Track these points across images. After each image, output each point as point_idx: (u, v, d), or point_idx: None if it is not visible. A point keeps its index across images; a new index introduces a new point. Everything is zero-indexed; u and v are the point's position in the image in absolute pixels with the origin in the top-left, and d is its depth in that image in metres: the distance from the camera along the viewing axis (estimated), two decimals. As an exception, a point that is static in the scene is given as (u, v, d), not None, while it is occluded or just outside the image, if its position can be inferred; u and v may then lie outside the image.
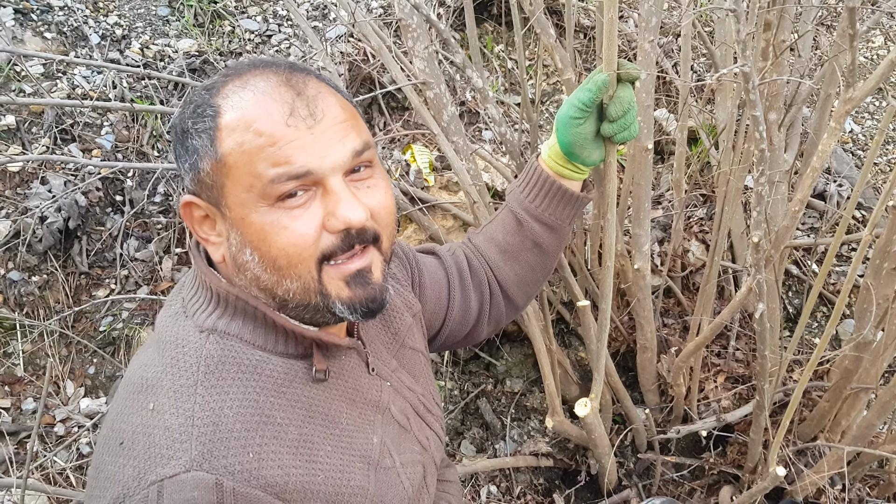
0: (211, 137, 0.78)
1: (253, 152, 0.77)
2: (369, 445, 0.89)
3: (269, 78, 0.80)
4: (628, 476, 2.01)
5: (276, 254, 0.78)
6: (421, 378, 1.08)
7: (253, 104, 0.78)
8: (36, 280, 2.08)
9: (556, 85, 2.76)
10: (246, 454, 0.75)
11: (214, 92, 0.80)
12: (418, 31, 1.41)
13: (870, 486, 1.82)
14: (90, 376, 2.10)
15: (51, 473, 1.91)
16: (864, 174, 1.22)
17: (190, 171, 0.81)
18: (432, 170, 2.28)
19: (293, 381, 0.84)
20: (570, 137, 1.06)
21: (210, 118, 0.79)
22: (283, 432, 0.80)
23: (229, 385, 0.79)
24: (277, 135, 0.77)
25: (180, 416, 0.76)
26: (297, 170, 0.77)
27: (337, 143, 0.79)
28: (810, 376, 1.30)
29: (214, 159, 0.78)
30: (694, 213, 2.31)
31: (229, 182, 0.78)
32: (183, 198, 0.83)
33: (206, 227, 0.84)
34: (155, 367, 0.81)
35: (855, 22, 1.07)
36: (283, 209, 0.78)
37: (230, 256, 0.82)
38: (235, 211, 0.79)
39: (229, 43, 2.58)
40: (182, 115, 0.82)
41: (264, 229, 0.78)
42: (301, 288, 0.81)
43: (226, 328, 0.82)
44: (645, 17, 1.39)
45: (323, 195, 0.79)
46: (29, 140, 2.20)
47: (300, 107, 0.79)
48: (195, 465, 0.73)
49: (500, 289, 1.23)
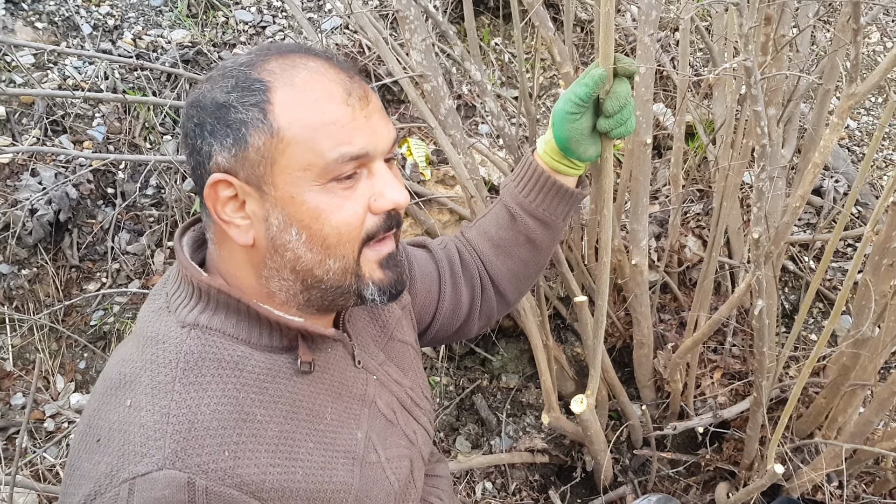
0: (263, 111, 0.76)
1: (315, 128, 0.76)
2: (353, 441, 0.88)
3: (316, 59, 0.81)
4: (624, 472, 2.00)
5: (329, 232, 0.79)
6: (409, 371, 1.07)
7: (309, 81, 0.78)
8: (26, 273, 2.06)
9: (554, 79, 2.74)
10: (221, 452, 0.74)
11: (256, 69, 0.79)
12: (415, 23, 1.39)
13: (866, 483, 1.82)
14: (81, 371, 2.08)
15: (40, 470, 1.89)
16: (864, 170, 1.21)
17: (232, 147, 0.78)
18: (429, 163, 2.26)
19: (276, 376, 0.83)
20: (566, 133, 1.05)
21: (260, 91, 0.77)
22: (263, 430, 0.78)
23: (208, 382, 0.78)
24: (338, 114, 0.77)
25: (156, 413, 0.75)
26: (358, 151, 0.78)
27: (383, 129, 0.82)
28: (809, 372, 1.29)
29: (269, 133, 0.76)
30: (691, 208, 2.30)
31: (283, 159, 0.77)
32: (213, 176, 0.79)
33: (230, 209, 0.81)
34: (134, 362, 0.80)
35: (859, 16, 1.06)
36: (336, 189, 0.79)
37: (266, 237, 0.80)
38: (284, 189, 0.78)
39: (223, 34, 2.55)
40: (213, 89, 0.79)
41: (319, 207, 0.78)
42: (342, 268, 0.82)
43: (208, 322, 0.81)
44: (645, 11, 1.38)
45: (368, 177, 0.81)
46: (19, 131, 2.17)
47: (355, 89, 0.80)
48: (168, 464, 0.71)
49: (492, 283, 1.22)
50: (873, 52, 3.12)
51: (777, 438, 1.35)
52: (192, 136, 0.81)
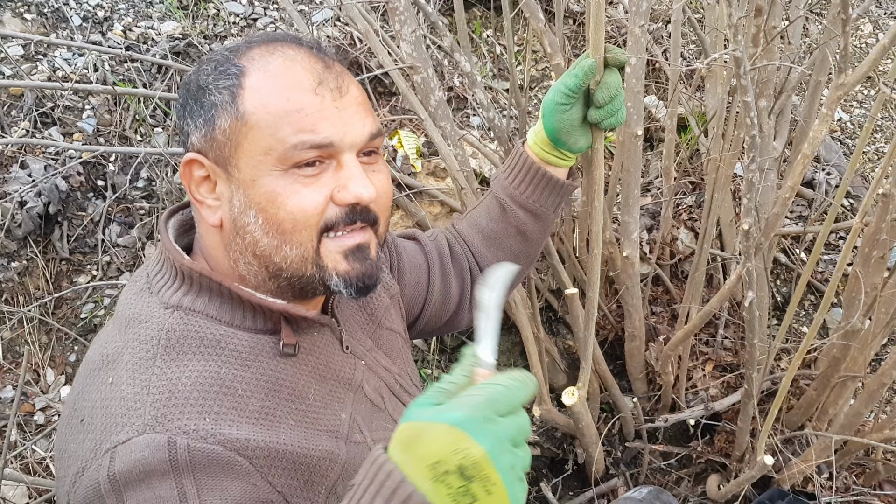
0: (233, 94, 0.79)
1: (278, 115, 0.77)
2: (337, 421, 0.88)
3: (299, 49, 0.82)
4: (616, 465, 2.01)
5: (283, 217, 0.79)
6: (398, 359, 1.07)
7: (282, 69, 0.79)
8: (15, 266, 2.05)
9: (545, 70, 2.74)
10: (202, 418, 0.74)
11: (239, 53, 0.81)
12: (406, 15, 1.38)
13: (857, 475, 1.83)
14: (71, 364, 2.07)
15: (30, 463, 1.88)
16: (854, 162, 1.21)
17: (203, 128, 0.81)
18: (419, 156, 2.25)
19: (259, 355, 0.82)
20: (556, 124, 1.05)
21: (234, 76, 0.79)
22: (244, 403, 0.78)
23: (189, 358, 0.78)
24: (305, 101, 0.78)
25: (136, 385, 0.75)
26: (321, 140, 0.78)
27: (358, 122, 0.81)
28: (798, 364, 1.29)
29: (235, 117, 0.78)
30: (683, 200, 2.30)
31: (246, 142, 0.78)
32: (186, 156, 0.82)
33: (204, 189, 0.83)
34: (116, 343, 0.80)
35: (847, 6, 1.05)
36: (297, 176, 0.79)
37: (230, 219, 0.82)
38: (246, 172, 0.79)
39: (214, 26, 2.53)
40: (198, 72, 0.82)
41: (276, 191, 0.78)
42: (299, 256, 0.81)
43: (191, 305, 0.82)
44: (636, 2, 1.37)
45: (336, 169, 0.81)
46: (8, 123, 2.15)
47: (328, 78, 0.80)
48: (147, 429, 0.72)
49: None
50: (865, 43, 3.13)
51: (767, 430, 1.35)
52: (179, 117, 0.84)
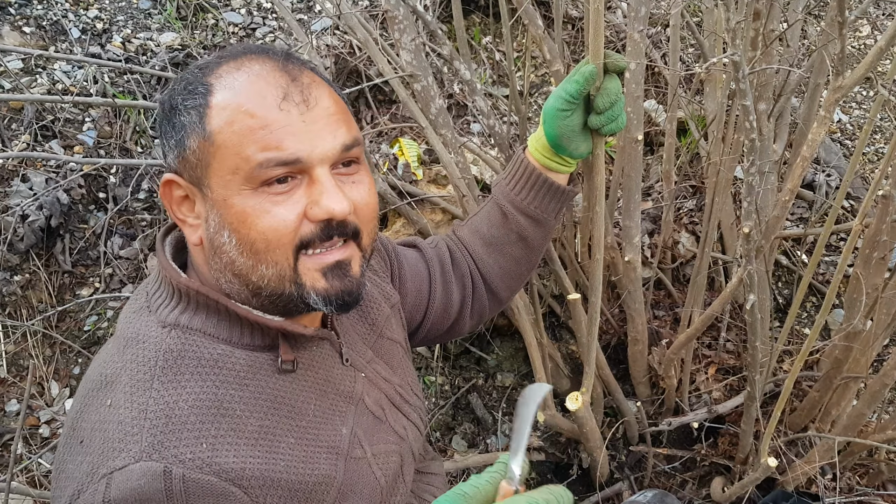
0: (200, 115, 0.78)
1: (243, 133, 0.76)
2: (337, 436, 0.88)
3: (265, 62, 0.80)
4: (620, 469, 2.01)
5: (255, 237, 0.77)
6: (399, 369, 1.07)
7: (246, 85, 0.77)
8: (18, 279, 2.05)
9: (545, 77, 2.74)
10: (199, 444, 0.74)
11: (208, 71, 0.80)
12: (405, 23, 1.39)
13: (860, 475, 1.83)
14: (75, 377, 2.07)
15: (36, 476, 1.88)
16: (854, 164, 1.22)
17: (175, 149, 0.80)
18: (420, 163, 2.25)
19: (257, 372, 0.82)
20: (557, 130, 1.05)
21: (201, 95, 0.78)
22: (242, 424, 0.78)
23: (187, 379, 0.78)
24: (269, 118, 0.76)
25: (134, 409, 0.75)
26: (287, 156, 0.76)
27: (328, 135, 0.79)
28: (801, 366, 1.29)
29: (202, 137, 0.77)
30: (684, 204, 2.30)
31: (215, 162, 0.77)
32: (164, 176, 0.82)
33: (185, 209, 0.83)
34: (114, 363, 0.80)
35: (844, 9, 1.06)
36: (267, 194, 0.77)
37: (207, 238, 0.81)
38: (218, 192, 0.78)
39: (213, 36, 2.54)
40: (172, 91, 0.81)
41: (245, 212, 0.77)
42: (276, 275, 0.80)
43: (188, 323, 0.81)
44: (634, 7, 1.38)
45: (308, 184, 0.79)
46: (8, 137, 2.16)
47: (294, 92, 0.78)
48: (144, 456, 0.72)
49: (484, 281, 1.22)
50: (863, 45, 3.13)
51: (770, 432, 1.35)
52: (158, 137, 0.84)
